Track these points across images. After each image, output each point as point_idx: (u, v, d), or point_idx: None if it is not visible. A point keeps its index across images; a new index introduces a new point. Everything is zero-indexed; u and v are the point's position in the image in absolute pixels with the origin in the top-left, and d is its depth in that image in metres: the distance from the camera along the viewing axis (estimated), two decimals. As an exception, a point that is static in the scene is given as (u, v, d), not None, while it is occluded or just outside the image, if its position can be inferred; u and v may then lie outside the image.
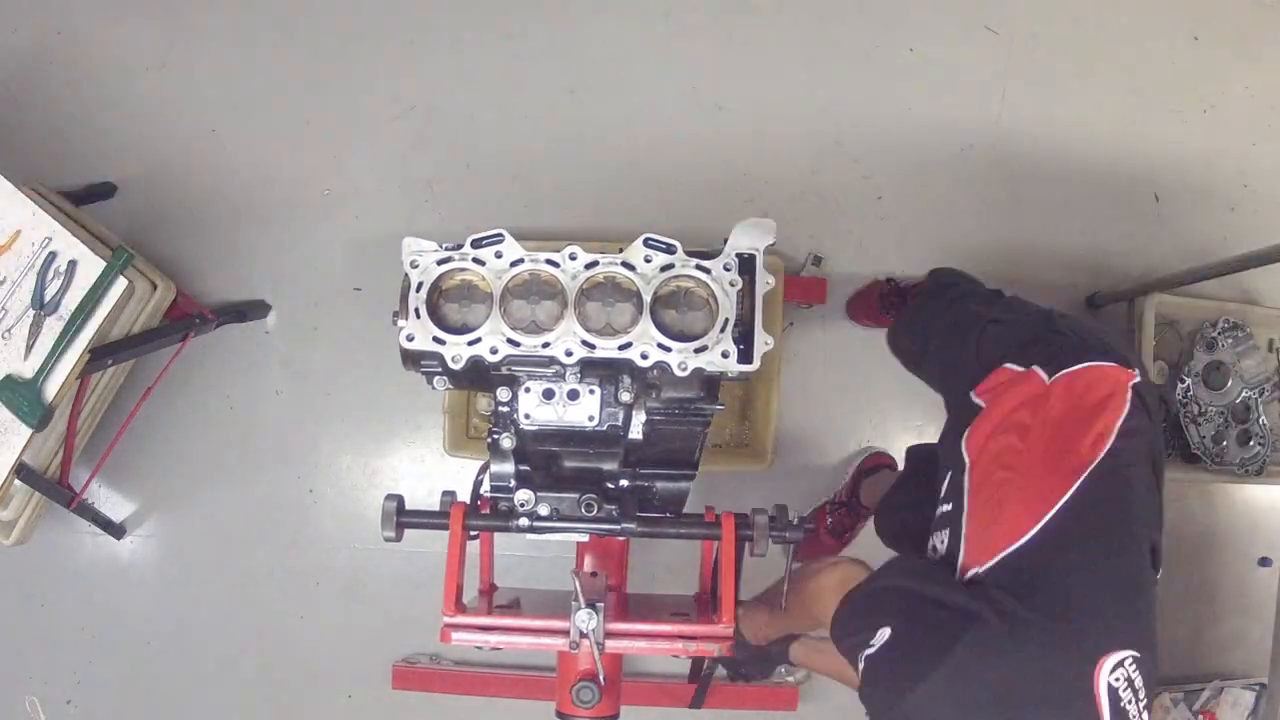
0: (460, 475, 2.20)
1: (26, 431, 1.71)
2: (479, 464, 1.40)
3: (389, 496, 1.38)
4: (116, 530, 2.25)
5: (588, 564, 1.60)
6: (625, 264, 1.22)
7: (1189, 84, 2.53)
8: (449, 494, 1.42)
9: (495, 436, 1.27)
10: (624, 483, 1.35)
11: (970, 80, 2.47)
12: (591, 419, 1.26)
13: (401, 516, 1.38)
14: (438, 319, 1.22)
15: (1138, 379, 1.24)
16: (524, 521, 1.30)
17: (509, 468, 1.29)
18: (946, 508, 1.28)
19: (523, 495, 1.29)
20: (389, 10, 2.40)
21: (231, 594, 2.30)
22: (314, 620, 2.31)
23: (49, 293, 1.71)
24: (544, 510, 1.30)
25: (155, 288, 1.91)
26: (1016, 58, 2.47)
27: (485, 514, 1.39)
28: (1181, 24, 2.54)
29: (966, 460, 1.28)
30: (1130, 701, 1.03)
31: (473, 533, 1.40)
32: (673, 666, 2.29)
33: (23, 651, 2.29)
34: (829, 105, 2.43)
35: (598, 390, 1.26)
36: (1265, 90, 2.56)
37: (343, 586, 2.31)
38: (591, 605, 1.28)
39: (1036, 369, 1.28)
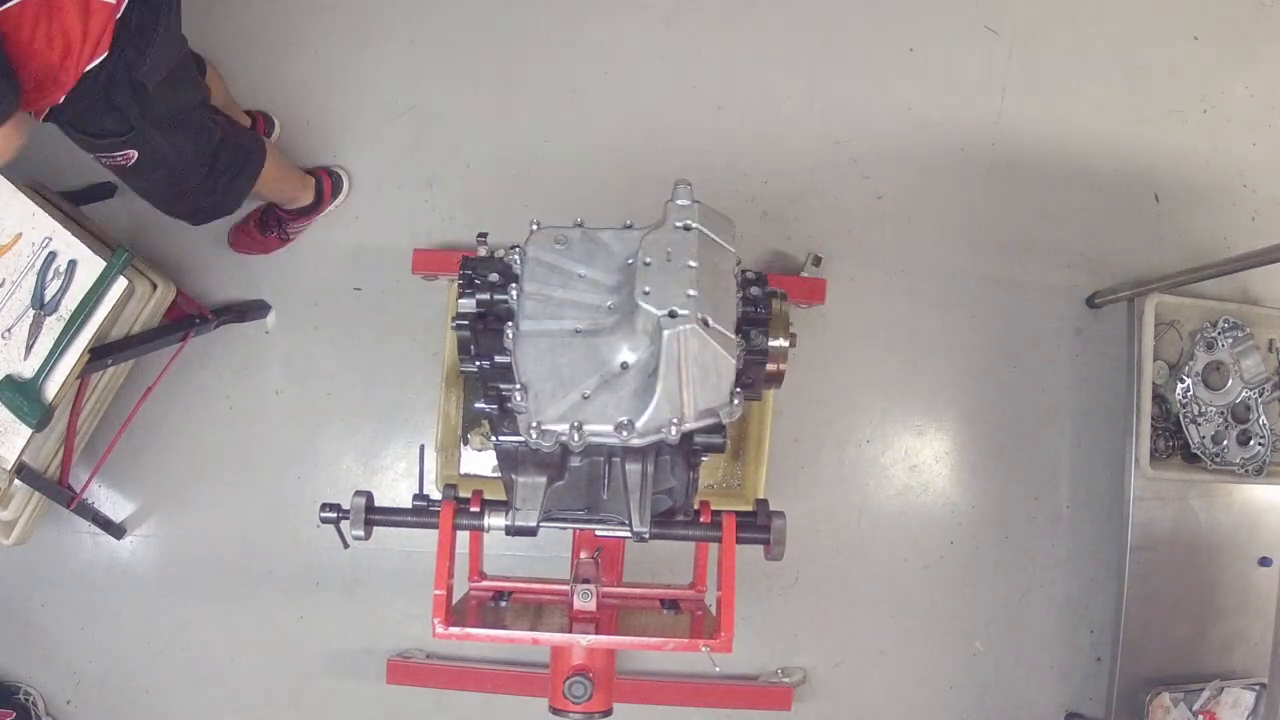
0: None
1: (26, 431, 1.71)
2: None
3: (358, 492, 1.40)
4: (116, 530, 2.25)
5: (583, 552, 1.61)
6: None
7: (1189, 84, 2.53)
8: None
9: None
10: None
11: (970, 80, 2.46)
12: None
13: (371, 514, 1.40)
14: None
15: None
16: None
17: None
18: None
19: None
20: (389, 10, 2.40)
21: (231, 594, 2.30)
22: (314, 619, 2.31)
23: (49, 293, 1.71)
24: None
25: (155, 288, 1.91)
26: (1016, 58, 2.47)
27: (475, 510, 1.39)
28: (1181, 24, 2.54)
29: None
30: None
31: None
32: (670, 665, 2.29)
33: (23, 651, 2.29)
34: (829, 105, 2.43)
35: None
36: (1265, 90, 2.56)
37: (343, 586, 2.31)
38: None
39: None
